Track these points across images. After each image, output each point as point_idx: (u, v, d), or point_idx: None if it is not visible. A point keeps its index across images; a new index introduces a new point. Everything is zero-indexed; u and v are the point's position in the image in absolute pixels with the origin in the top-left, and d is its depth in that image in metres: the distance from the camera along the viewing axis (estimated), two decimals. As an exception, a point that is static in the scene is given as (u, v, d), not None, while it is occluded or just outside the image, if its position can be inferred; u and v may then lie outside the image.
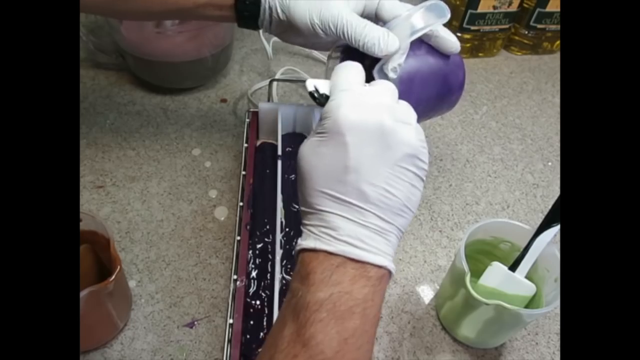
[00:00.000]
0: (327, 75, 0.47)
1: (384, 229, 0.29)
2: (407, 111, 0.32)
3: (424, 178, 0.31)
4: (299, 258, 0.30)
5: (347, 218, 0.29)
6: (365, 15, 0.42)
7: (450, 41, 0.41)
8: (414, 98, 0.41)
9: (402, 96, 0.33)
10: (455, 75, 0.44)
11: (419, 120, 0.32)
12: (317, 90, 0.34)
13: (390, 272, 0.30)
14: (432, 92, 0.43)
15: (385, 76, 0.39)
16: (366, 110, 0.30)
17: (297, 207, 0.52)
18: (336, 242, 0.29)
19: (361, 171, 0.29)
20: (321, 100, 0.33)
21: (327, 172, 0.29)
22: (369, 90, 0.32)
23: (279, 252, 0.44)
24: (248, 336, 0.42)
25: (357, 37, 0.38)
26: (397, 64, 0.39)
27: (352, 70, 0.33)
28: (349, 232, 0.29)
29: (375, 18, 0.42)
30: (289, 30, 0.43)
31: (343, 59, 0.41)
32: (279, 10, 0.42)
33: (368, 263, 0.28)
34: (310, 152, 0.31)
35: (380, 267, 0.29)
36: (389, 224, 0.30)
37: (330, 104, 0.31)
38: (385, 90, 0.32)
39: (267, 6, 0.42)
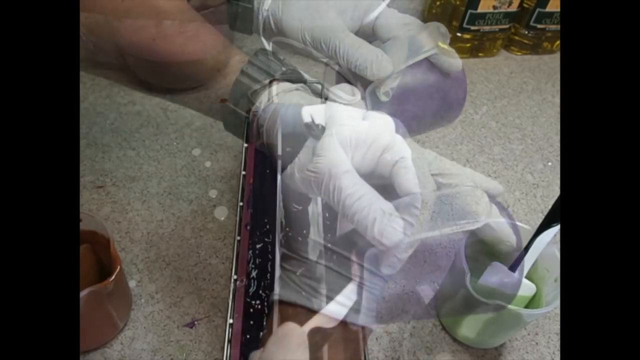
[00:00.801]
0: (325, 76, 0.47)
1: (370, 281, 0.27)
2: (404, 152, 0.28)
3: (415, 224, 0.28)
4: (276, 308, 0.28)
5: (333, 270, 0.27)
6: (361, 31, 0.40)
7: (451, 60, 0.39)
8: (408, 116, 0.39)
9: (396, 114, 0.31)
10: (455, 94, 0.41)
11: (412, 135, 0.30)
12: (313, 121, 0.30)
13: (371, 330, 0.28)
14: (428, 110, 0.41)
15: (377, 98, 0.37)
16: (364, 152, 0.27)
17: (297, 207, 0.52)
18: (319, 298, 0.26)
19: (354, 219, 0.26)
20: (317, 132, 0.30)
21: (318, 218, 0.27)
22: (367, 127, 0.28)
23: (278, 252, 0.44)
24: (248, 336, 0.42)
25: (350, 59, 0.36)
26: (390, 87, 0.37)
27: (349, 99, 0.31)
28: (334, 287, 0.27)
29: (373, 34, 0.40)
30: (282, 40, 0.41)
31: None
32: (271, 22, 0.40)
33: (351, 323, 0.27)
34: (299, 190, 0.27)
35: (363, 327, 0.27)
36: (375, 276, 0.28)
37: (324, 141, 0.27)
38: (383, 128, 0.29)
39: (260, 17, 0.40)
